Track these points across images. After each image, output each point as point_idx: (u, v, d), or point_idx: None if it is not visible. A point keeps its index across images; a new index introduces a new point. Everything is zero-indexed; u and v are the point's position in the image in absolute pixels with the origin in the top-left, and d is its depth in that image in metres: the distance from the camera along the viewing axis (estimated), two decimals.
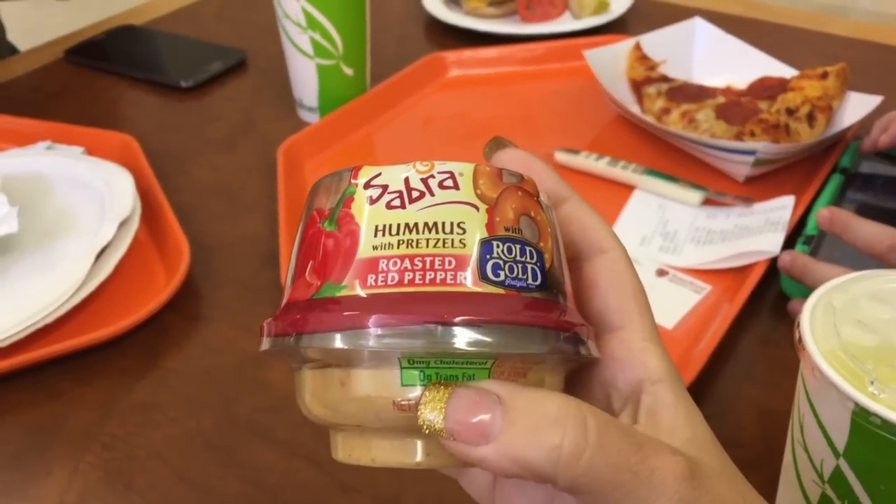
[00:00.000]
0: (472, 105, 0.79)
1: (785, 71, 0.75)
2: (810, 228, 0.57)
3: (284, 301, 0.25)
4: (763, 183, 0.65)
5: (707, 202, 0.63)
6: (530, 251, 0.24)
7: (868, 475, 0.30)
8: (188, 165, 0.71)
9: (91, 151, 0.70)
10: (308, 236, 0.25)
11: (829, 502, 0.32)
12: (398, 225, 0.23)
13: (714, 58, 0.79)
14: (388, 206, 0.23)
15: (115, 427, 0.47)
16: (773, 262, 0.55)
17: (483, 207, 0.24)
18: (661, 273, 0.57)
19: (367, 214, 0.24)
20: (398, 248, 0.23)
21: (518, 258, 0.23)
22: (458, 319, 0.22)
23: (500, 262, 0.23)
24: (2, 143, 0.72)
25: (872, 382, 0.29)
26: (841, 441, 0.30)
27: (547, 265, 0.24)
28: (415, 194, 0.24)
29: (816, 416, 0.31)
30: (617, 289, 0.27)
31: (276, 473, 0.44)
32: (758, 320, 0.53)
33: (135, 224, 0.58)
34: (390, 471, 0.43)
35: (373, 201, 0.24)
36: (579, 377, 0.28)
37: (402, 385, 0.23)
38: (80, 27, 0.97)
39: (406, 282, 0.22)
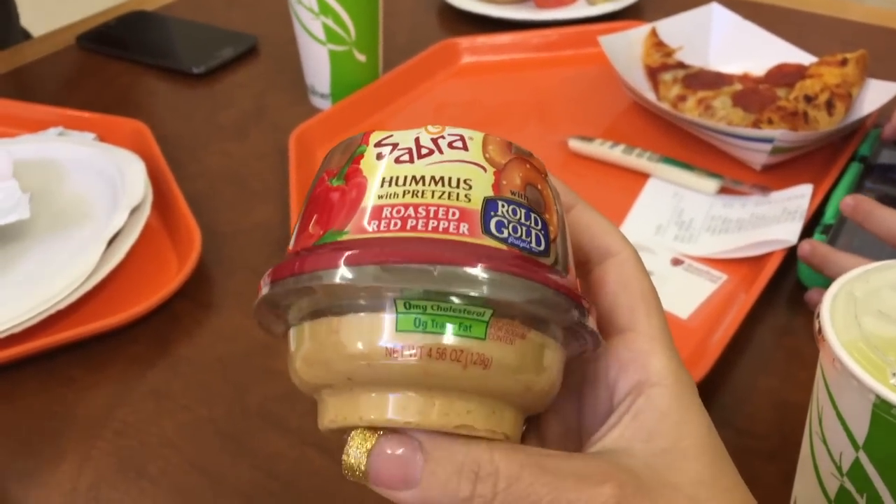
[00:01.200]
0: (485, 92, 0.79)
1: (803, 57, 0.74)
2: (828, 217, 0.56)
3: (289, 249, 0.25)
4: (780, 171, 0.64)
5: (723, 191, 0.62)
6: (535, 218, 0.24)
7: (888, 468, 0.29)
8: (200, 152, 0.71)
9: (103, 138, 0.70)
10: (315, 195, 0.25)
11: (848, 495, 0.31)
12: (405, 177, 0.23)
13: (731, 44, 0.78)
14: (397, 160, 0.24)
15: (127, 414, 0.47)
16: (791, 251, 0.54)
17: (491, 170, 0.24)
18: (677, 262, 0.56)
19: (375, 168, 0.24)
20: (403, 197, 0.23)
21: (523, 221, 0.23)
22: (457, 262, 0.22)
23: (504, 221, 0.23)
24: (14, 129, 0.72)
25: (895, 374, 0.28)
26: (861, 433, 0.30)
27: (551, 236, 0.24)
28: (424, 151, 0.24)
29: (836, 407, 0.31)
30: (625, 291, 0.27)
31: (287, 461, 0.44)
32: (774, 310, 0.53)
33: (146, 211, 0.58)
34: None
35: (382, 157, 0.24)
36: (587, 377, 0.27)
37: (397, 331, 0.22)
38: (91, 13, 0.96)
39: (409, 227, 0.23)
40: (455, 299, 0.22)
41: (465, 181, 0.23)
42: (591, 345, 0.25)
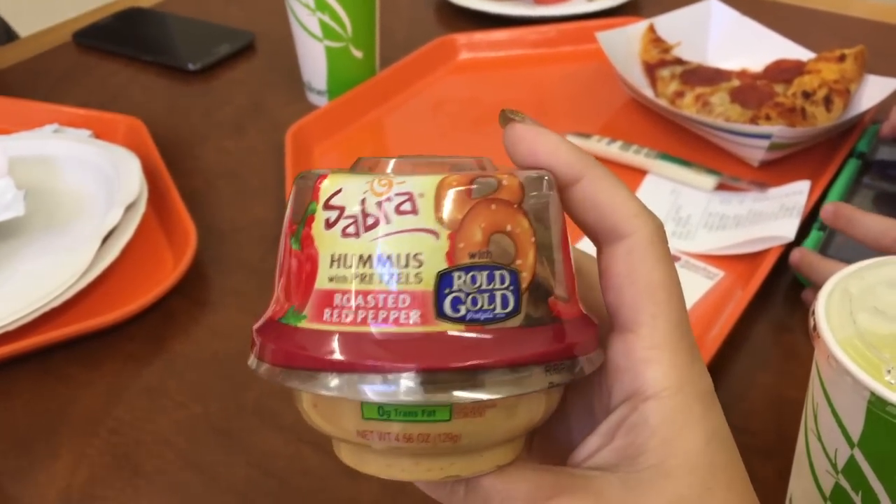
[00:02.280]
0: (483, 88, 0.79)
1: (802, 53, 0.74)
2: None
3: (268, 310, 0.25)
4: (778, 168, 0.64)
5: (721, 187, 0.62)
6: (501, 275, 0.22)
7: (883, 465, 0.29)
8: (196, 149, 0.71)
9: (98, 135, 0.70)
10: (284, 246, 0.24)
11: (843, 493, 0.31)
12: (352, 256, 0.22)
13: (729, 40, 0.77)
14: (344, 233, 0.22)
15: (123, 412, 0.47)
16: (788, 248, 0.54)
17: (444, 234, 0.21)
18: (674, 258, 0.56)
19: (324, 240, 0.22)
20: (352, 282, 0.22)
21: (484, 287, 0.22)
22: (403, 368, 0.21)
23: (462, 296, 0.21)
24: (9, 126, 0.72)
25: (889, 371, 0.28)
26: (856, 431, 0.29)
27: (523, 285, 0.22)
28: (369, 221, 0.22)
29: (831, 405, 0.30)
30: (630, 285, 0.24)
31: (282, 459, 0.44)
32: (771, 307, 0.52)
33: (142, 208, 0.58)
34: None
35: (329, 225, 0.22)
36: (589, 379, 0.26)
37: (363, 418, 0.22)
38: (88, 9, 0.96)
39: (360, 320, 0.22)
40: None
41: (414, 256, 0.21)
42: (586, 371, 0.24)
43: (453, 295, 0.21)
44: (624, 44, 0.76)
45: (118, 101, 0.79)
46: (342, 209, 0.22)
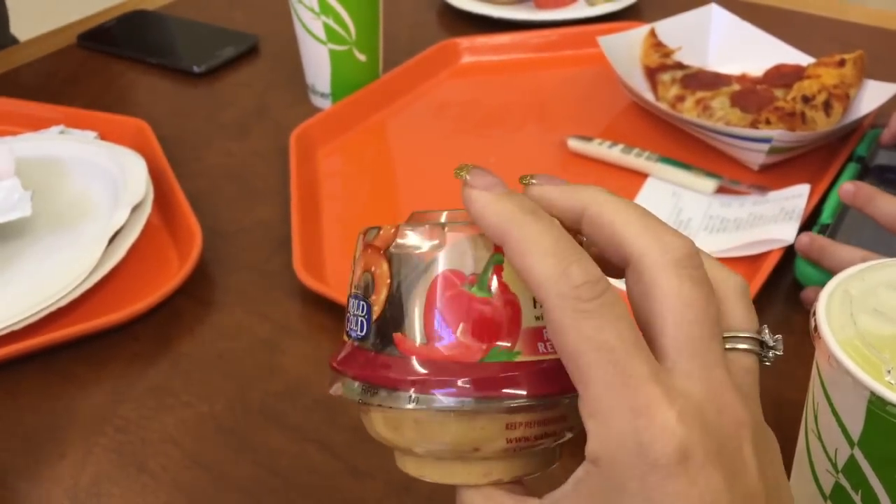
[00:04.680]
0: (485, 92, 0.79)
1: (801, 58, 0.74)
2: (825, 217, 0.56)
3: None
4: (778, 171, 0.65)
5: (721, 190, 0.63)
6: (362, 305, 0.27)
7: (883, 465, 0.30)
8: (201, 151, 0.71)
9: (104, 136, 0.70)
10: None
11: (843, 492, 0.32)
12: None
13: (730, 45, 0.78)
14: None
15: (129, 410, 0.48)
16: (788, 250, 0.55)
17: (354, 269, 0.28)
18: None
19: None
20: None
21: (355, 312, 0.27)
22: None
23: (350, 317, 0.28)
24: (15, 127, 0.72)
25: (889, 371, 0.28)
26: (856, 430, 0.30)
27: (374, 317, 0.26)
28: None
29: (831, 404, 0.31)
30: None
31: (287, 457, 0.44)
32: (771, 309, 0.53)
33: (147, 209, 0.58)
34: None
35: None
36: None
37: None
38: (92, 12, 0.97)
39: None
40: None
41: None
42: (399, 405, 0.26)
43: (347, 315, 0.28)
44: (625, 48, 0.76)
45: (123, 103, 0.79)
46: None
